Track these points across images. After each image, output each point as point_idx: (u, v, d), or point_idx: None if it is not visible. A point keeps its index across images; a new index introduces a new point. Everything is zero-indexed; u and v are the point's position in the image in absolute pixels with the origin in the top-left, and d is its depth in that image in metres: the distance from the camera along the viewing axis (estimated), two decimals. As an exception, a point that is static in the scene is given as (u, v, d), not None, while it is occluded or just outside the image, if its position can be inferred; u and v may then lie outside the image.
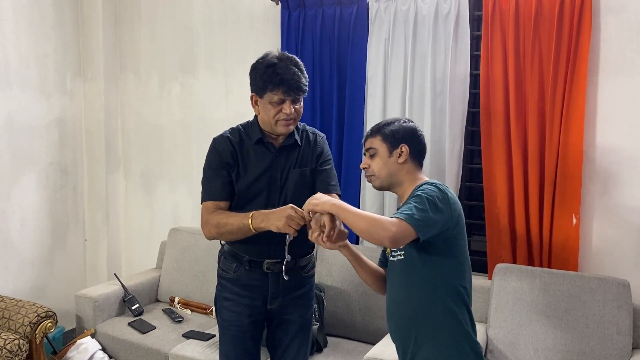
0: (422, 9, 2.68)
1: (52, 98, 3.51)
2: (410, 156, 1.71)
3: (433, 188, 1.58)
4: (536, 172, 2.51)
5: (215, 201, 1.90)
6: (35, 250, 3.46)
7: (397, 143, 1.70)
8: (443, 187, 1.61)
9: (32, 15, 3.36)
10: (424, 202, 1.53)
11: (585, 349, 2.28)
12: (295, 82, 1.80)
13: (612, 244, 2.48)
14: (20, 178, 3.35)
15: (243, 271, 1.96)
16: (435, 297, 1.61)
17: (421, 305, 1.63)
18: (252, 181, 1.90)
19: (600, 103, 2.45)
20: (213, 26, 3.40)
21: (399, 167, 1.70)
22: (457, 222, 1.60)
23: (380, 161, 1.71)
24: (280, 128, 1.87)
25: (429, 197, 1.54)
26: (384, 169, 1.71)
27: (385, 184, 1.73)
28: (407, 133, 1.72)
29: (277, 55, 1.84)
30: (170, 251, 3.37)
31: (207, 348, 2.65)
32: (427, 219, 1.51)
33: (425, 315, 1.62)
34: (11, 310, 2.82)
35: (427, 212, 1.51)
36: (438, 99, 2.68)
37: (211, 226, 1.87)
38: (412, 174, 1.71)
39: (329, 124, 2.96)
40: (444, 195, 1.57)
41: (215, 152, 1.93)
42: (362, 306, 2.75)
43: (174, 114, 3.60)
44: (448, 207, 1.56)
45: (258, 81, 1.84)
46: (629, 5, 2.37)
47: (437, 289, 1.61)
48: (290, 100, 1.83)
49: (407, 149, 1.69)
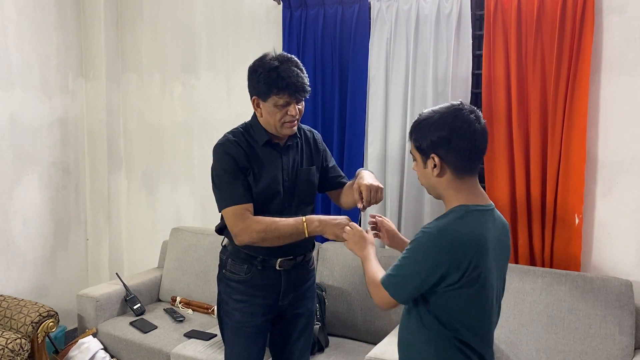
0: (424, 8, 2.68)
1: (54, 98, 3.52)
2: (447, 166, 1.40)
3: (427, 238, 1.37)
4: (538, 172, 2.50)
5: (242, 205, 1.84)
6: (37, 250, 3.47)
7: (428, 153, 1.42)
8: (445, 230, 1.35)
9: (34, 16, 3.36)
10: (408, 259, 1.40)
11: (587, 349, 2.27)
12: (300, 84, 1.80)
13: (614, 244, 2.47)
14: (22, 178, 3.35)
15: (256, 272, 1.95)
16: (429, 342, 1.45)
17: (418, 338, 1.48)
18: (269, 183, 1.89)
19: (602, 103, 2.44)
20: (215, 26, 3.40)
21: (436, 180, 1.43)
22: (456, 270, 1.34)
23: (419, 171, 1.49)
24: (286, 130, 1.87)
25: (415, 249, 1.39)
26: (424, 180, 1.49)
27: (433, 194, 1.51)
28: (435, 142, 1.39)
29: (277, 57, 1.82)
30: (172, 251, 3.37)
31: (208, 348, 2.65)
32: (403, 282, 1.40)
33: (420, 348, 1.47)
34: (13, 309, 2.83)
35: (404, 273, 1.40)
36: (440, 99, 2.68)
37: (254, 232, 1.80)
38: (455, 189, 1.43)
39: (330, 124, 2.96)
40: (438, 245, 1.34)
41: (229, 157, 1.86)
42: (363, 306, 2.75)
43: (175, 114, 3.60)
44: (439, 257, 1.34)
45: (261, 85, 1.81)
46: (631, 4, 2.36)
47: (431, 338, 1.44)
48: (294, 102, 1.83)
49: (439, 160, 1.40)
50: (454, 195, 1.43)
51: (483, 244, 1.38)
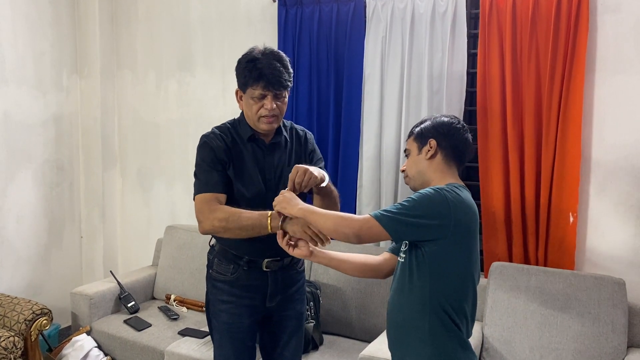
0: (419, 7, 2.68)
1: (49, 95, 3.50)
2: (441, 151, 1.61)
3: (431, 191, 1.49)
4: (533, 171, 2.51)
5: (214, 193, 1.83)
6: (31, 248, 3.45)
7: (426, 139, 1.62)
8: (448, 191, 1.49)
9: (29, 12, 3.35)
10: (411, 202, 1.46)
11: (581, 348, 2.28)
12: (275, 77, 1.78)
13: (608, 243, 2.48)
14: (16, 175, 3.34)
15: (242, 272, 1.92)
16: (423, 311, 1.52)
17: (410, 316, 1.55)
18: (249, 181, 1.88)
19: (597, 101, 2.45)
20: (210, 24, 3.39)
21: (427, 163, 1.61)
22: (457, 228, 1.47)
23: (411, 160, 1.66)
24: (263, 125, 1.85)
25: (420, 197, 1.47)
26: (414, 167, 1.65)
27: (417, 184, 1.65)
28: (437, 127, 1.62)
29: (261, 50, 1.83)
30: (167, 249, 3.36)
31: (202, 345, 2.65)
32: (403, 220, 1.45)
33: (413, 326, 1.54)
34: (6, 307, 2.81)
35: (406, 213, 1.45)
36: (435, 97, 2.68)
37: (216, 219, 1.78)
38: (442, 172, 1.60)
39: (326, 121, 2.96)
40: (442, 198, 1.47)
41: (208, 148, 1.87)
42: (358, 304, 2.75)
43: (170, 112, 3.59)
44: (445, 211, 1.46)
45: (241, 76, 1.83)
46: (625, 4, 2.37)
47: (426, 304, 1.51)
48: (271, 96, 1.80)
49: (435, 143, 1.60)
50: (441, 177, 1.60)
51: (476, 212, 1.55)
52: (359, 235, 1.49)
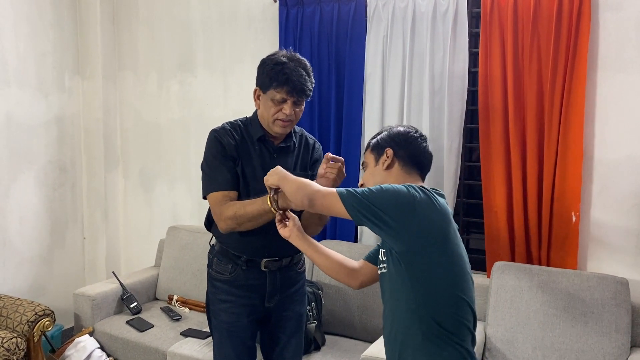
0: (421, 6, 2.67)
1: (51, 96, 3.51)
2: (398, 160, 1.57)
3: (401, 186, 1.43)
4: (535, 170, 2.50)
5: (224, 191, 1.83)
6: (33, 249, 3.46)
7: (382, 149, 1.59)
8: (417, 190, 1.43)
9: (30, 14, 3.35)
10: (378, 189, 1.42)
11: (584, 347, 2.27)
12: (300, 84, 1.79)
13: (611, 242, 2.47)
14: (18, 176, 3.34)
15: (240, 271, 1.93)
16: (412, 324, 1.46)
17: (402, 330, 1.49)
18: (253, 181, 1.87)
19: (599, 100, 2.44)
20: (211, 24, 3.39)
21: (385, 174, 1.57)
22: (428, 233, 1.41)
23: (368, 172, 1.62)
24: (277, 127, 1.86)
25: (387, 188, 1.42)
26: (371, 180, 1.59)
27: None
28: (393, 137, 1.59)
29: (288, 55, 1.83)
30: (169, 249, 3.36)
31: (205, 346, 2.65)
32: (366, 204, 1.40)
33: (407, 336, 1.48)
34: (9, 308, 2.82)
35: (371, 196, 1.40)
36: (436, 97, 2.68)
37: (227, 218, 1.79)
38: (403, 182, 1.53)
39: (327, 121, 2.96)
40: (410, 197, 1.40)
41: (219, 143, 1.86)
42: (360, 304, 2.75)
43: (172, 113, 3.59)
44: (409, 209, 1.40)
45: (264, 77, 1.82)
46: (627, 2, 2.36)
47: (414, 316, 1.45)
48: (292, 102, 1.81)
49: (392, 152, 1.56)
50: None
51: (449, 215, 1.49)
52: (311, 199, 1.47)
